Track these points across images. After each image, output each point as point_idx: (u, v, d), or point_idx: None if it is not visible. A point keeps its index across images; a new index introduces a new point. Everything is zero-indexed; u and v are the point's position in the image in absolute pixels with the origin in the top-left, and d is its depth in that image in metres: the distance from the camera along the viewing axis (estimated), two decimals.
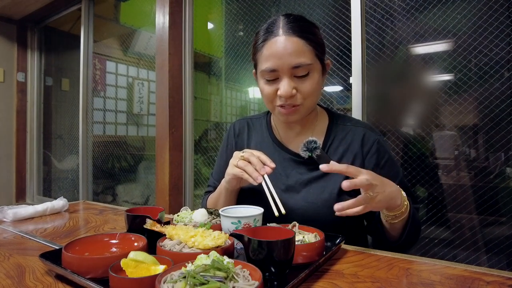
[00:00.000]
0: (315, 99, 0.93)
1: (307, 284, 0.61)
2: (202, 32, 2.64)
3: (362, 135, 0.97)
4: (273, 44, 0.86)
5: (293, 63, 0.85)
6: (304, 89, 0.88)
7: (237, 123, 1.17)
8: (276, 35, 0.87)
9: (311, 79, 0.88)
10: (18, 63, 3.77)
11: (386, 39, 1.69)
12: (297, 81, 0.88)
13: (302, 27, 0.87)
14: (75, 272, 0.59)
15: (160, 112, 2.36)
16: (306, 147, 0.93)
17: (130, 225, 0.80)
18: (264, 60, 0.88)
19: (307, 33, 0.87)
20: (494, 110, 1.43)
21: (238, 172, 0.85)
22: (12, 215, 1.12)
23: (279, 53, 0.85)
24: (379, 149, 0.96)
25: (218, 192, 1.01)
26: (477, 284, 0.60)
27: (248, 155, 0.86)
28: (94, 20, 3.29)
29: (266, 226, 0.74)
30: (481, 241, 1.47)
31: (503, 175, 1.45)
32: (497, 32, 1.41)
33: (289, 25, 0.87)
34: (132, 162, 3.20)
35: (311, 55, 0.87)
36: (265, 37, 0.88)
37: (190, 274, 0.48)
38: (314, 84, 0.89)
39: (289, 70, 0.86)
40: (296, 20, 0.89)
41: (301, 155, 0.94)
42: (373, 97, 1.72)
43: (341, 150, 0.97)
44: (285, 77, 0.87)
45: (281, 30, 0.86)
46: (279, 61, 0.85)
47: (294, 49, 0.85)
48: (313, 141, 0.92)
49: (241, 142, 1.12)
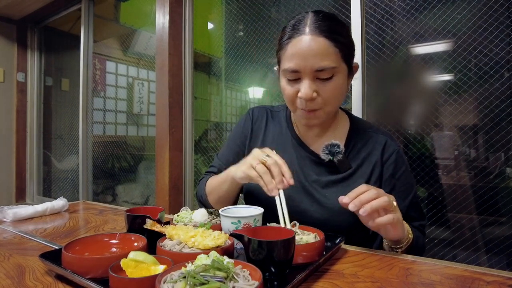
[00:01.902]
0: (337, 104, 0.90)
1: (307, 284, 0.61)
2: (202, 32, 2.65)
3: (383, 143, 0.95)
4: (298, 43, 0.82)
5: (316, 66, 0.81)
6: (325, 93, 0.84)
7: (256, 109, 1.12)
8: (301, 34, 0.82)
9: (334, 83, 0.84)
10: (18, 63, 3.77)
11: (386, 39, 1.69)
12: (320, 84, 0.84)
13: (330, 26, 0.82)
14: (75, 272, 0.59)
15: (160, 112, 2.36)
16: (328, 150, 0.91)
17: (130, 225, 0.80)
18: (287, 59, 0.85)
19: (335, 34, 0.82)
20: (494, 110, 1.43)
21: (255, 176, 0.80)
22: (12, 215, 1.12)
23: (303, 53, 0.81)
24: (398, 159, 0.94)
25: (223, 178, 0.95)
26: (477, 284, 0.60)
27: (271, 163, 0.79)
28: (94, 20, 3.29)
29: (266, 226, 0.74)
30: (481, 241, 1.47)
31: (503, 175, 1.45)
32: (497, 32, 1.42)
33: (316, 23, 0.82)
34: (132, 162, 3.20)
35: (337, 58, 0.83)
36: (291, 34, 0.84)
37: (190, 274, 0.48)
38: (337, 88, 0.85)
39: (311, 72, 0.82)
40: (325, 18, 0.84)
41: (321, 157, 0.92)
42: (373, 97, 1.72)
43: (362, 156, 0.95)
44: (306, 78, 0.83)
45: (308, 29, 0.82)
46: (302, 62, 0.82)
47: (319, 50, 0.81)
48: (336, 145, 0.90)
49: (258, 129, 1.08)
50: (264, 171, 0.78)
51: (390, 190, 0.93)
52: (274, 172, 0.78)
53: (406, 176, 0.95)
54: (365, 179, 0.92)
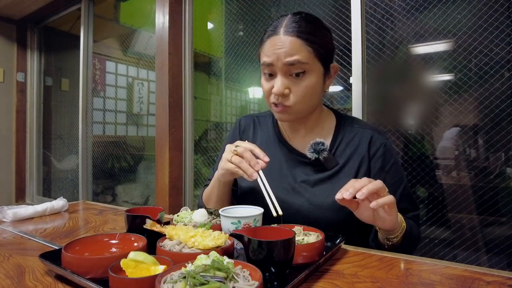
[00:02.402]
0: (309, 102, 0.92)
1: (307, 284, 0.60)
2: (202, 32, 2.64)
3: (369, 138, 0.96)
4: (273, 41, 0.88)
5: (286, 60, 0.85)
6: (297, 89, 0.88)
7: (243, 119, 1.15)
8: (277, 33, 0.88)
9: (306, 80, 0.88)
10: (17, 63, 3.77)
11: (386, 39, 1.69)
12: (292, 81, 0.88)
13: (303, 27, 0.87)
14: (75, 272, 0.59)
15: (160, 112, 2.36)
16: (313, 148, 0.92)
17: (130, 225, 0.79)
18: (264, 55, 0.90)
19: (307, 34, 0.87)
20: (494, 110, 1.43)
21: (232, 167, 0.84)
22: (11, 215, 1.12)
23: (276, 49, 0.87)
24: (385, 152, 0.95)
25: (212, 184, 1.00)
26: (477, 284, 0.60)
27: (241, 150, 0.84)
28: (94, 20, 3.29)
29: (266, 226, 0.74)
30: (481, 241, 1.47)
31: (503, 175, 1.45)
32: (497, 32, 1.41)
33: (290, 25, 0.88)
34: (132, 162, 3.20)
35: (309, 55, 0.86)
36: (269, 34, 0.90)
37: (190, 274, 0.48)
38: (309, 86, 0.88)
39: (283, 66, 0.86)
40: (301, 20, 0.89)
41: (308, 156, 0.94)
42: (373, 97, 1.72)
43: (348, 152, 0.96)
44: (279, 74, 0.88)
45: (282, 30, 0.88)
46: (274, 55, 0.87)
47: (290, 46, 0.86)
48: (320, 143, 0.92)
49: (247, 138, 1.10)
50: (239, 160, 0.83)
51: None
52: (247, 157, 0.83)
53: (396, 169, 0.96)
54: (353, 174, 0.93)
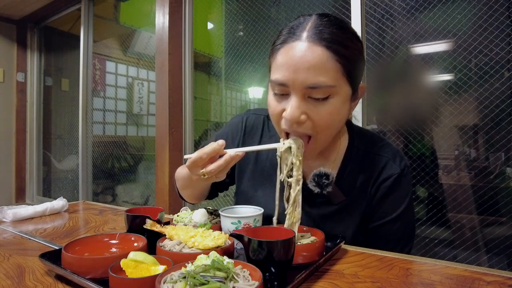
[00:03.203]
0: (333, 131, 0.74)
1: (307, 284, 0.60)
2: (202, 32, 2.64)
3: (382, 166, 0.82)
4: (291, 50, 0.67)
5: (308, 82, 0.66)
6: (317, 116, 0.69)
7: (252, 117, 0.95)
8: (297, 39, 0.67)
9: (330, 105, 0.68)
10: (17, 63, 3.77)
11: (386, 39, 1.69)
12: (311, 104, 0.69)
13: (334, 34, 0.67)
14: (75, 273, 0.59)
15: (160, 112, 2.36)
16: (315, 182, 0.77)
17: (130, 225, 0.79)
18: (276, 68, 0.70)
19: (338, 44, 0.67)
20: (494, 110, 1.43)
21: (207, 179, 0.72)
22: (11, 216, 1.12)
23: (294, 63, 0.66)
24: (394, 185, 0.80)
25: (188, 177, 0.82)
26: (478, 284, 0.60)
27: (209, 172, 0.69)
28: (94, 20, 3.29)
29: (266, 226, 0.73)
30: (481, 241, 1.47)
31: (503, 175, 1.45)
32: (497, 32, 1.41)
33: (317, 28, 0.67)
34: (132, 162, 3.20)
35: (337, 75, 0.67)
36: (285, 38, 0.69)
37: (190, 274, 0.48)
38: (333, 113, 0.69)
39: (302, 88, 0.67)
40: (330, 24, 0.68)
41: (310, 187, 0.79)
42: (373, 97, 1.72)
43: (358, 183, 0.82)
44: (295, 95, 0.68)
45: (306, 34, 0.67)
46: (291, 74, 0.66)
47: (315, 62, 0.65)
48: (324, 176, 0.76)
49: (250, 143, 0.92)
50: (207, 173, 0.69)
51: (371, 211, 0.83)
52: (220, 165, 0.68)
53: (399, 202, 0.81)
54: (362, 210, 0.83)
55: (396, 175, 0.81)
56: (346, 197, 0.82)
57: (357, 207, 0.83)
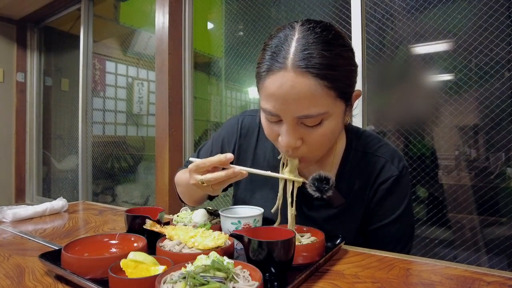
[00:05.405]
0: (328, 146, 0.75)
1: (307, 284, 0.60)
2: (202, 32, 2.64)
3: (380, 167, 0.81)
4: (277, 80, 0.63)
5: (299, 114, 0.64)
6: (312, 141, 0.69)
7: (248, 118, 0.94)
8: (281, 68, 0.62)
9: (324, 128, 0.68)
10: (17, 63, 3.77)
11: (386, 39, 1.69)
12: (305, 129, 0.68)
13: (322, 58, 0.61)
14: (74, 273, 0.58)
15: (159, 113, 2.36)
16: (315, 186, 0.74)
17: (129, 226, 0.79)
18: (265, 97, 0.67)
19: (327, 69, 0.62)
20: (495, 110, 1.43)
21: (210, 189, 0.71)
22: (11, 216, 1.12)
23: (283, 95, 0.63)
24: (392, 187, 0.80)
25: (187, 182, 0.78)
26: (478, 284, 0.60)
27: (207, 180, 0.68)
28: (94, 20, 3.29)
29: (266, 226, 0.73)
30: (481, 241, 1.47)
31: (503, 175, 1.45)
32: (497, 32, 1.41)
33: (303, 53, 0.61)
34: (132, 163, 3.20)
35: (328, 99, 0.64)
36: (269, 65, 0.65)
37: (190, 274, 0.48)
38: (327, 133, 0.69)
39: (294, 118, 0.65)
40: (316, 42, 0.62)
41: (309, 192, 0.75)
42: (373, 97, 1.71)
43: (357, 186, 0.82)
44: (288, 124, 0.67)
45: (290, 61, 0.62)
46: (282, 105, 0.64)
47: (304, 94, 0.62)
48: (324, 180, 0.73)
49: (247, 146, 0.92)
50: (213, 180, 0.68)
51: (370, 213, 0.83)
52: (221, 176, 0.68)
53: (398, 204, 0.81)
54: (361, 212, 0.83)
55: (394, 177, 0.80)
56: (344, 200, 0.82)
57: (356, 209, 0.83)
